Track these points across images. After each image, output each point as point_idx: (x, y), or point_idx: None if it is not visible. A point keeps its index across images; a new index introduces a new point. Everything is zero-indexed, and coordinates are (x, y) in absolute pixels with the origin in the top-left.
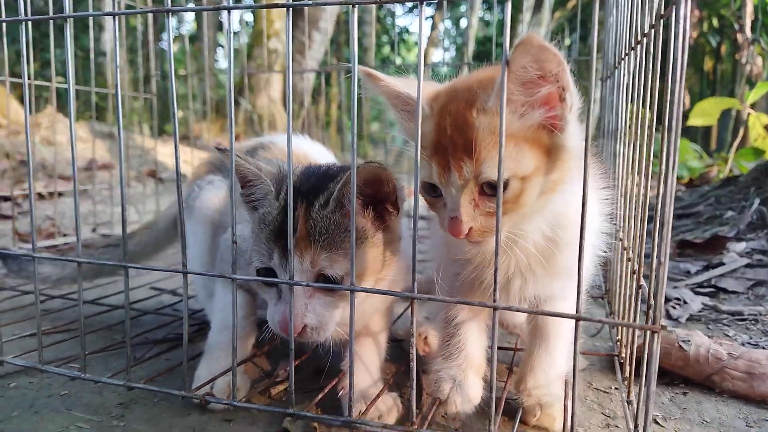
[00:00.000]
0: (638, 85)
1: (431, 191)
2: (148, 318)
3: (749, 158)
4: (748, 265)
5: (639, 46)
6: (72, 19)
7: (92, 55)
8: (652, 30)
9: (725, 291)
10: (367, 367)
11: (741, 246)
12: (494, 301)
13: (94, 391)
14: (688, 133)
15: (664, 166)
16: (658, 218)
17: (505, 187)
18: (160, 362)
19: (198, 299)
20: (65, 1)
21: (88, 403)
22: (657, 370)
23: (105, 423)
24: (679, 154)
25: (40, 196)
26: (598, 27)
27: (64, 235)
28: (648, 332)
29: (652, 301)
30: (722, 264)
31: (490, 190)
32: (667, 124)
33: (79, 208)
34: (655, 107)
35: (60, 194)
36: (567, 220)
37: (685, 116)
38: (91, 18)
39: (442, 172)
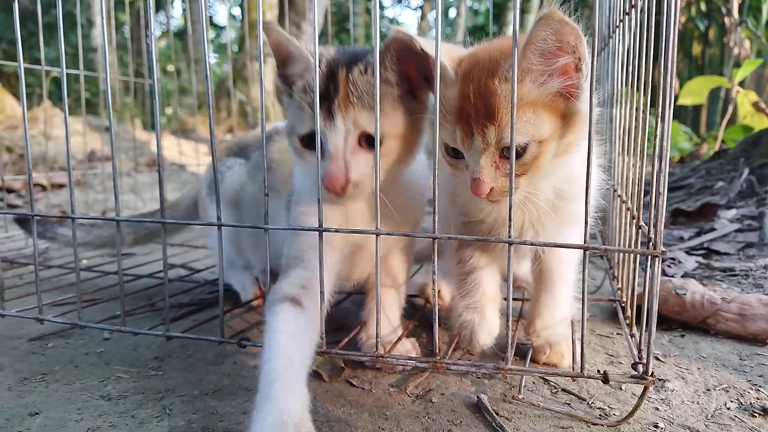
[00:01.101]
0: (633, 49)
1: (453, 154)
2: (169, 287)
3: (738, 135)
4: (738, 230)
5: (633, 10)
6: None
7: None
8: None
9: (717, 253)
10: (387, 315)
11: (731, 213)
12: (509, 236)
13: (129, 348)
14: (679, 116)
15: (660, 101)
16: (655, 153)
17: (524, 151)
18: (188, 322)
19: (221, 269)
20: None
21: (125, 358)
22: (658, 298)
23: (143, 373)
24: (670, 136)
25: (43, 187)
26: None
27: None
28: (650, 258)
29: (651, 233)
30: (714, 230)
31: (510, 153)
32: (663, 48)
33: (85, 196)
34: (651, 59)
35: (61, 186)
36: (575, 175)
37: (675, 98)
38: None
39: (465, 137)
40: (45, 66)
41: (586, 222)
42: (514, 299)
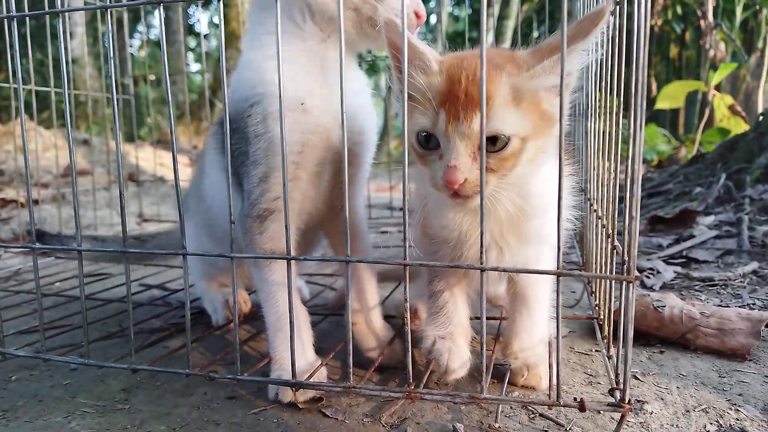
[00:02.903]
0: (605, 62)
1: (425, 143)
2: (141, 310)
3: (715, 138)
4: (717, 237)
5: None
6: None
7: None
8: (617, 6)
9: (696, 261)
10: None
11: (710, 219)
12: (481, 263)
13: (96, 380)
14: (656, 118)
15: (632, 127)
16: (627, 176)
17: (506, 144)
18: (158, 350)
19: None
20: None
21: (92, 391)
22: (633, 325)
23: (110, 407)
24: (647, 139)
25: (18, 204)
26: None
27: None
28: (624, 283)
29: (626, 256)
30: (692, 236)
31: (490, 145)
32: (634, 70)
33: (60, 212)
34: (623, 76)
35: (36, 202)
36: (536, 189)
37: (652, 101)
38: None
39: (451, 120)
40: (13, 84)
41: (558, 247)
42: (490, 318)
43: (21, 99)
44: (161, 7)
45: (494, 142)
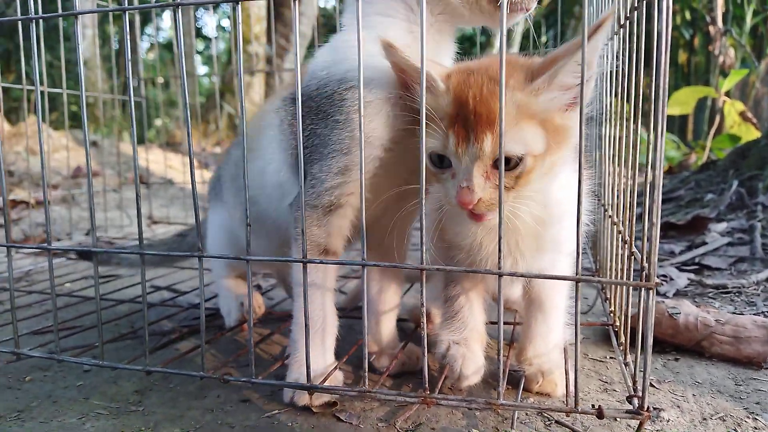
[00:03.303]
0: (622, 68)
1: (438, 162)
2: (152, 312)
3: (726, 145)
4: (729, 244)
5: (622, 29)
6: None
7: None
8: (635, 12)
9: (709, 268)
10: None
11: (722, 226)
12: (498, 268)
13: (109, 381)
14: (666, 124)
15: (653, 133)
16: (648, 182)
17: (519, 163)
18: (170, 351)
19: (202, 300)
20: (75, 2)
21: (105, 392)
22: (653, 328)
23: (123, 409)
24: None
25: (28, 204)
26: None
27: (58, 240)
28: (643, 289)
29: (645, 263)
30: (705, 243)
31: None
32: (654, 78)
33: (71, 214)
34: (641, 82)
35: (50, 203)
36: (554, 198)
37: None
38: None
39: (461, 142)
40: (27, 86)
41: (578, 254)
42: (506, 323)
43: (38, 102)
44: (179, 10)
45: (507, 162)
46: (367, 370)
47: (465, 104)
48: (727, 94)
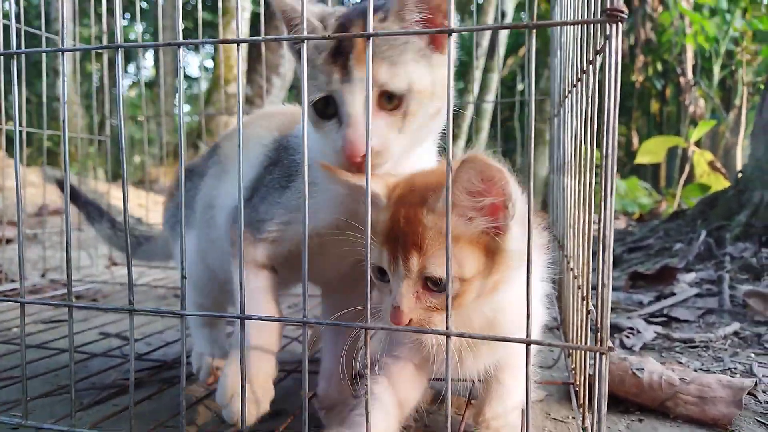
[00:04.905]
0: (580, 119)
1: (381, 275)
2: (96, 362)
3: (696, 194)
4: (698, 295)
5: (579, 83)
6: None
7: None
8: (590, 66)
9: (677, 320)
10: None
11: (690, 276)
12: (446, 328)
13: None
14: (638, 171)
15: (603, 192)
16: (600, 242)
17: (444, 287)
18: (107, 407)
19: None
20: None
21: None
22: (608, 393)
23: None
24: (629, 192)
25: None
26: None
27: (12, 281)
28: (597, 354)
29: (599, 325)
30: (673, 294)
31: (433, 285)
32: (604, 146)
33: (30, 253)
34: (596, 138)
35: (8, 241)
36: (508, 305)
37: (633, 155)
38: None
39: (392, 260)
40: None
41: (528, 315)
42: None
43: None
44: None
45: (435, 283)
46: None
47: (396, 224)
48: (698, 143)
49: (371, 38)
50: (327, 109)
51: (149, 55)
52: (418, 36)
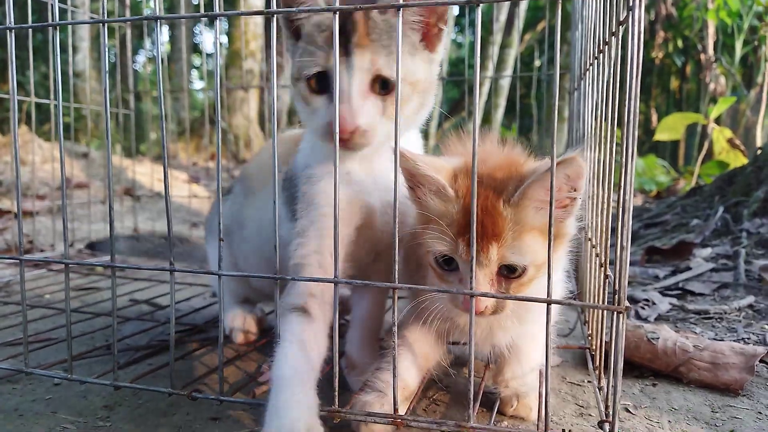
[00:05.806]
0: (600, 92)
1: (446, 264)
2: (129, 326)
3: (714, 171)
4: (713, 269)
5: (601, 54)
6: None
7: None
8: (613, 37)
9: (692, 293)
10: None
11: (706, 251)
12: (470, 288)
13: (78, 395)
14: (656, 149)
15: (623, 158)
16: (620, 207)
17: (523, 272)
18: (143, 366)
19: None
20: (55, 14)
21: (73, 406)
22: (624, 356)
23: (91, 424)
24: (647, 170)
25: (16, 215)
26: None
27: (41, 251)
28: (614, 313)
29: (616, 287)
30: (689, 269)
31: (509, 273)
32: (627, 99)
33: (54, 225)
34: (617, 107)
35: (31, 213)
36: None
37: (652, 132)
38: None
39: (469, 251)
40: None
41: (549, 275)
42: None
43: (14, 111)
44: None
45: (510, 270)
46: (337, 388)
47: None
48: (718, 121)
49: (401, 9)
50: (319, 84)
51: (165, 29)
52: (414, 30)
